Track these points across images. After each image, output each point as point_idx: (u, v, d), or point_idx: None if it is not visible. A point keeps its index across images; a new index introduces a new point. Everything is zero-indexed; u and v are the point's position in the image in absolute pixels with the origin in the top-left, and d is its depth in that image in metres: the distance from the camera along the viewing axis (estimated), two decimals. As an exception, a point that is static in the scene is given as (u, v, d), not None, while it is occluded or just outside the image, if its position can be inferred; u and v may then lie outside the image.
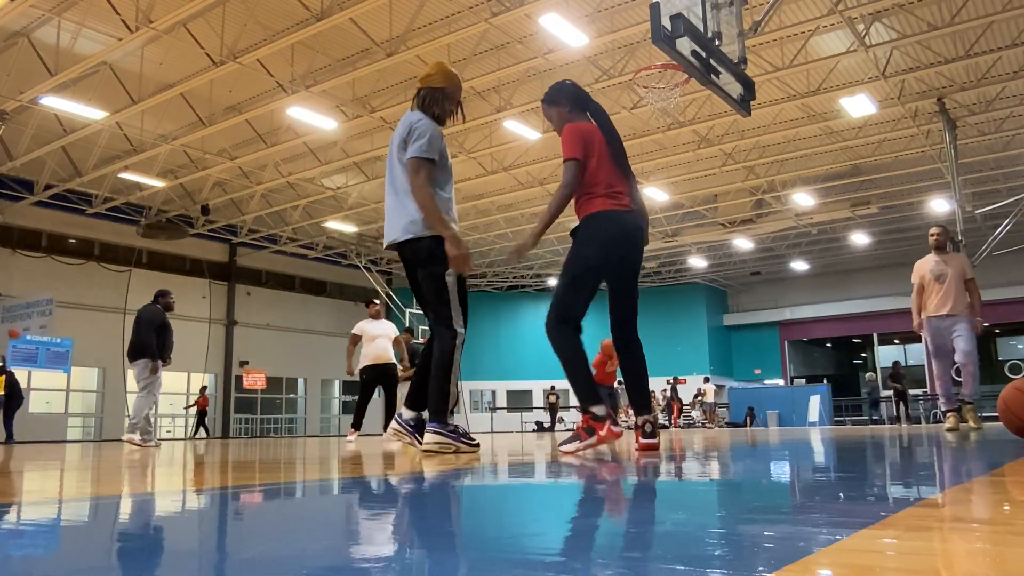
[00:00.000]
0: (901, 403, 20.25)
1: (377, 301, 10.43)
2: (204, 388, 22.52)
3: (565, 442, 3.83)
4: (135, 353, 8.54)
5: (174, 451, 6.39)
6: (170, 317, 8.97)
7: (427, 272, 3.86)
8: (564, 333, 3.67)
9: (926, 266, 7.30)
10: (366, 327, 9.79)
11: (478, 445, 4.14)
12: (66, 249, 20.99)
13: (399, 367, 9.91)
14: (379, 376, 9.52)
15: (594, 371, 4.62)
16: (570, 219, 3.98)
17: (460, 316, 3.94)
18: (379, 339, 9.64)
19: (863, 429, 11.71)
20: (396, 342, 9.87)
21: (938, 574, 0.71)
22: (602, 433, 3.64)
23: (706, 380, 26.82)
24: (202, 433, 22.25)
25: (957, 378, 7.09)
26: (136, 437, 8.23)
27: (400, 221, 3.84)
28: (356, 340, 9.77)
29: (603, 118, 3.98)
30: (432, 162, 3.86)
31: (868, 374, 26.94)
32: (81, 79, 13.64)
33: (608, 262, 3.74)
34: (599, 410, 3.67)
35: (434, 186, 3.87)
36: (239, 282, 25.28)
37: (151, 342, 8.46)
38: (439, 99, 4.07)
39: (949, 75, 14.68)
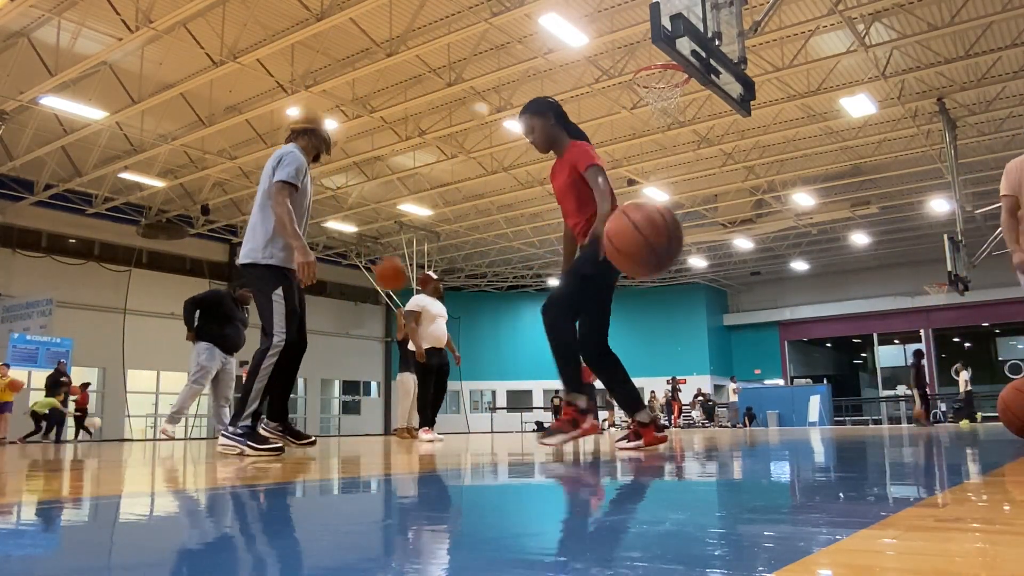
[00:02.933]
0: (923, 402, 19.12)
1: (433, 275, 8.88)
2: (86, 385, 18.80)
3: (549, 434, 3.83)
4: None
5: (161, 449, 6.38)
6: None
7: (258, 291, 4.47)
8: (567, 320, 3.82)
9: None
10: (426, 304, 8.52)
11: (278, 450, 4.18)
12: (66, 249, 20.98)
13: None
14: (441, 357, 8.46)
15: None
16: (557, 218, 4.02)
17: (283, 327, 4.38)
18: (439, 319, 8.49)
19: (864, 429, 11.71)
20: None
21: (938, 574, 0.71)
22: (585, 426, 3.74)
23: (732, 379, 26.70)
24: (84, 435, 18.13)
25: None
26: (170, 428, 7.84)
27: (247, 246, 4.46)
28: (418, 318, 8.46)
29: (583, 136, 4.19)
30: (295, 187, 4.44)
31: (805, 380, 26.83)
32: (81, 79, 13.64)
33: (613, 269, 3.81)
34: (583, 403, 3.78)
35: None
36: (239, 282, 25.27)
37: (188, 318, 7.68)
38: (309, 136, 4.67)
39: (949, 75, 14.68)
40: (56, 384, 16.63)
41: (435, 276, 8.83)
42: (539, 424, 27.32)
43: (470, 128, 16.48)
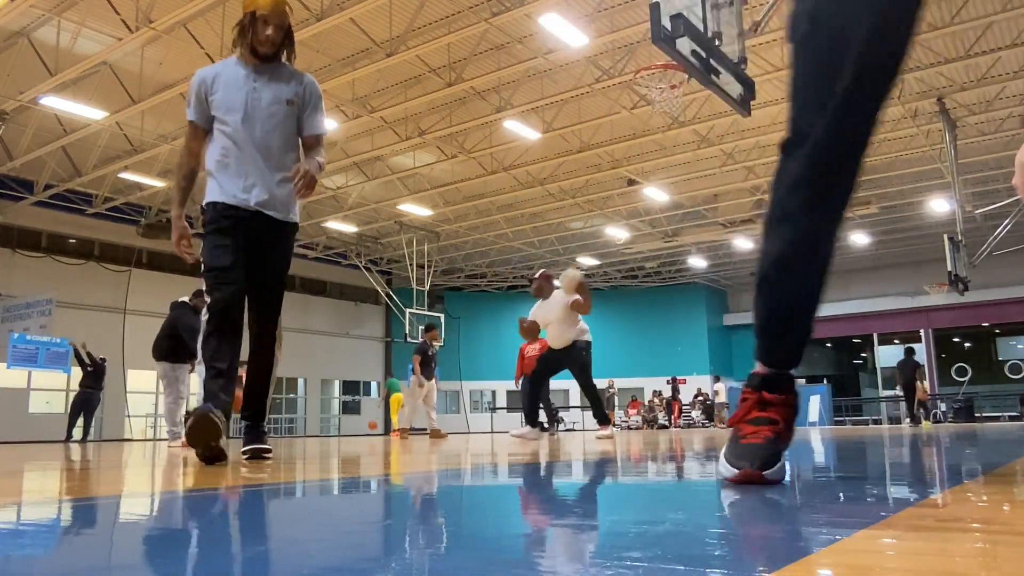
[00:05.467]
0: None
1: (538, 273, 8.35)
2: None
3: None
4: (173, 355, 8.08)
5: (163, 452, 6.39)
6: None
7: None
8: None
9: None
10: (534, 309, 8.14)
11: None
12: (66, 249, 20.98)
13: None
14: (559, 360, 7.95)
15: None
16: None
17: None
18: (548, 326, 7.96)
19: (864, 429, 11.72)
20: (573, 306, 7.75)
21: (938, 574, 0.71)
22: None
23: (716, 379, 26.74)
24: None
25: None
26: (178, 442, 7.85)
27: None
28: (536, 331, 7.99)
29: None
30: (190, 124, 3.52)
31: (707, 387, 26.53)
32: (81, 79, 13.64)
33: None
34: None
35: (210, 150, 3.51)
36: (239, 282, 25.25)
37: (193, 347, 7.90)
38: (236, 35, 3.56)
39: (949, 75, 14.67)
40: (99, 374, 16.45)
41: (536, 275, 8.30)
42: (542, 424, 27.28)
43: (470, 128, 16.48)
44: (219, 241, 3.39)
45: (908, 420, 16.62)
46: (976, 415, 21.97)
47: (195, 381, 8.14)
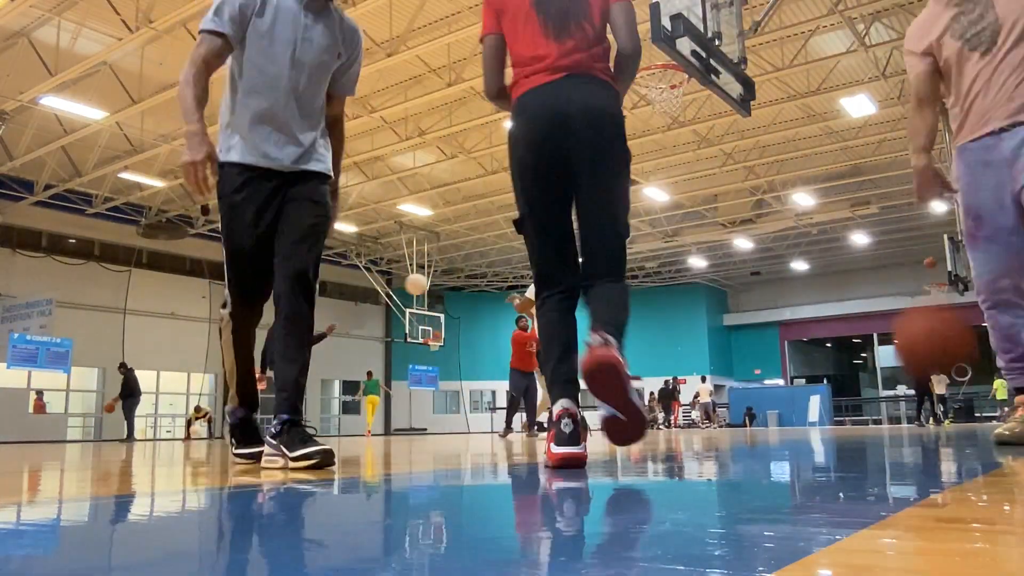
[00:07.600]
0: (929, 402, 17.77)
1: None
2: None
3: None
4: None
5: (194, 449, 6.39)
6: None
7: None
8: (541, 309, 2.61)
9: (938, 22, 3.17)
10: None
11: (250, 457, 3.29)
12: (66, 249, 20.97)
13: None
14: None
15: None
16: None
17: (227, 282, 3.09)
18: None
19: (864, 429, 11.71)
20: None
21: (938, 574, 0.71)
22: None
23: (703, 380, 26.80)
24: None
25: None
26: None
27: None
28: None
29: None
30: (217, 37, 2.80)
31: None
32: (81, 79, 13.64)
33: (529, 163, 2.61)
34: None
35: (233, 96, 2.91)
36: (239, 282, 25.24)
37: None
38: None
39: (949, 75, 14.67)
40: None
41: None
42: (539, 424, 27.27)
43: (470, 128, 16.48)
44: (243, 215, 2.84)
45: (925, 420, 16.55)
46: (976, 415, 21.96)
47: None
